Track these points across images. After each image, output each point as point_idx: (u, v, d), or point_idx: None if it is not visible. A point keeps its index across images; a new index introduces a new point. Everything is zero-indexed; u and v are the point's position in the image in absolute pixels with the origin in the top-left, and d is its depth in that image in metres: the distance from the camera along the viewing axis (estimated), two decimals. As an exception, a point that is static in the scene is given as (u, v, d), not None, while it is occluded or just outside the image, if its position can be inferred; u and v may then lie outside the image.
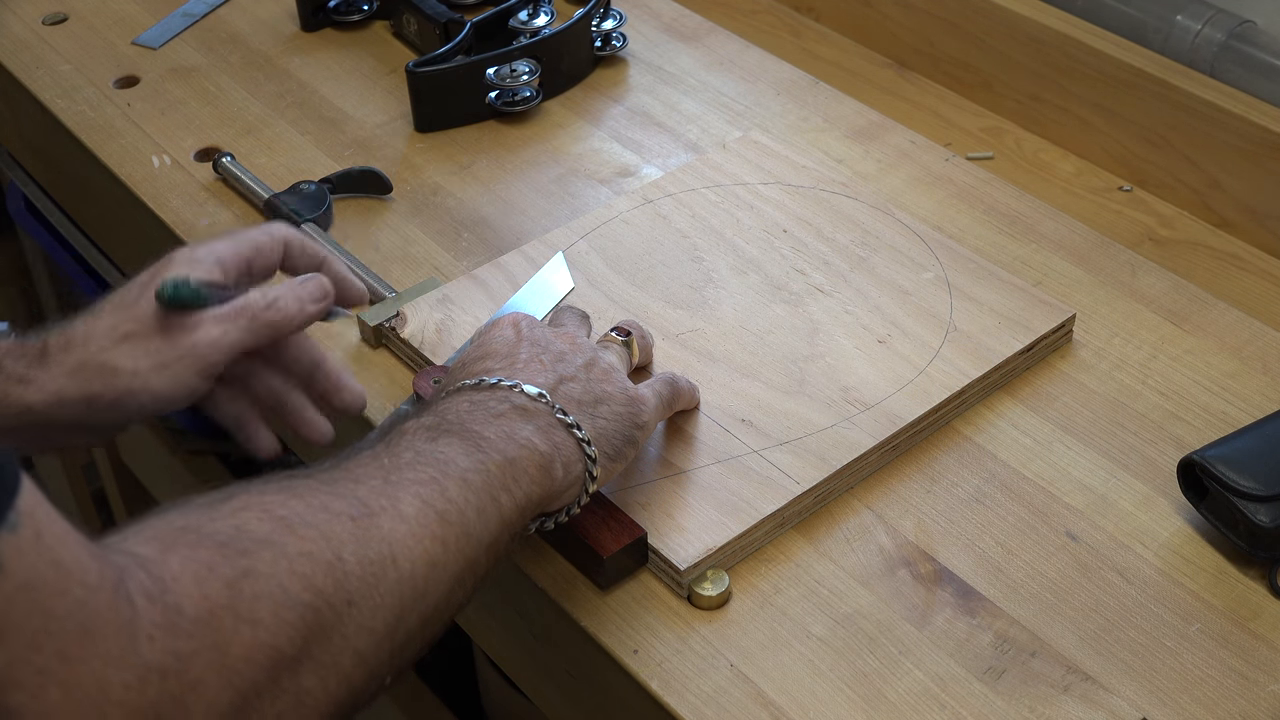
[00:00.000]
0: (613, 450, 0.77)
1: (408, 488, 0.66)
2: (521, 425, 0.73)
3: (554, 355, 0.79)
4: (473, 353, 0.80)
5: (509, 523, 0.70)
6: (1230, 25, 1.06)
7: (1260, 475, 0.80)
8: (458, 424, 0.72)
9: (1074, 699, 0.74)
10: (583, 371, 0.78)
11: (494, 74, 1.16)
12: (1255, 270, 1.03)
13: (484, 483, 0.69)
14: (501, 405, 0.74)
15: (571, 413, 0.75)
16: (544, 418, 0.74)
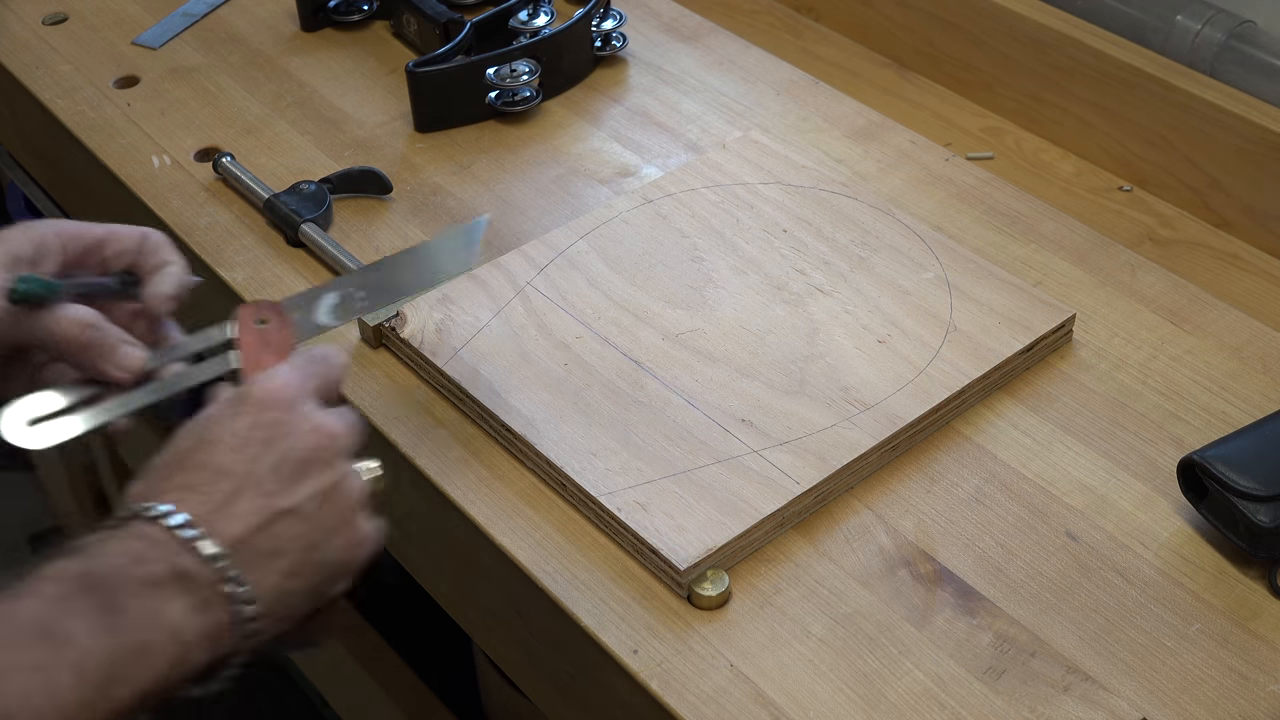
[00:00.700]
0: (288, 611, 0.68)
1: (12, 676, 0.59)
2: (174, 601, 0.63)
3: (292, 468, 0.68)
4: (193, 449, 0.69)
5: (121, 709, 0.62)
6: (1230, 25, 1.06)
7: (1260, 475, 0.80)
8: (103, 582, 0.63)
9: (1074, 699, 0.74)
10: (314, 501, 0.68)
11: (494, 74, 1.16)
12: (1255, 270, 1.03)
13: (100, 676, 0.61)
14: (162, 568, 0.64)
15: (254, 571, 0.65)
16: (208, 590, 0.64)
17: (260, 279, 1.02)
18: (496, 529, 0.84)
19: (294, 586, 0.68)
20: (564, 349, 0.92)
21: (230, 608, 0.65)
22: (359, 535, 0.70)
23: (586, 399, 0.89)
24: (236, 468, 0.67)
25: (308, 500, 0.68)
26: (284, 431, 0.69)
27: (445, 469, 0.88)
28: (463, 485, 0.87)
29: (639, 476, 0.84)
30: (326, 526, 0.69)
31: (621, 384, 0.90)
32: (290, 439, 0.69)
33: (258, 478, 0.67)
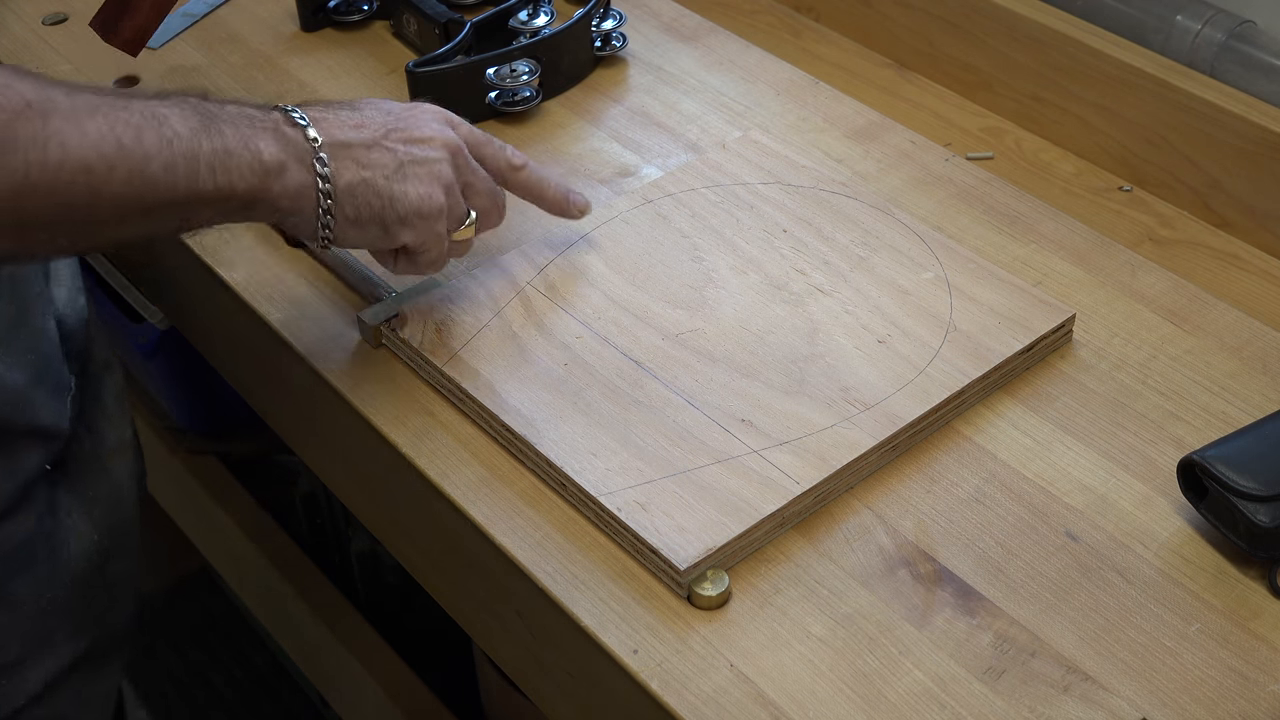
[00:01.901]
0: (355, 216, 0.84)
1: (103, 114, 0.72)
2: (267, 139, 0.80)
3: (405, 135, 0.86)
4: (350, 102, 0.87)
5: (203, 195, 0.77)
6: (1230, 25, 1.06)
7: (1260, 475, 0.80)
8: (214, 112, 0.79)
9: (1074, 699, 0.74)
10: (410, 155, 0.85)
11: (494, 74, 1.16)
12: (1255, 270, 1.03)
13: (187, 149, 0.75)
14: (267, 124, 0.80)
15: (338, 162, 0.82)
16: (298, 149, 0.81)
17: (260, 279, 1.02)
18: (496, 529, 0.84)
19: (364, 195, 0.83)
20: (564, 349, 0.92)
21: (312, 176, 0.81)
22: (435, 201, 0.86)
23: (586, 399, 0.89)
24: (369, 114, 0.86)
25: (406, 152, 0.85)
26: (418, 120, 0.87)
27: (445, 469, 0.88)
28: (463, 485, 0.87)
29: (639, 476, 0.84)
30: (409, 174, 0.85)
31: (621, 384, 0.90)
32: (418, 123, 0.87)
33: (377, 126, 0.85)
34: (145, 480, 1.12)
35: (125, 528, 1.02)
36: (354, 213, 0.84)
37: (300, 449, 1.09)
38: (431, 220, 0.86)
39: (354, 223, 0.84)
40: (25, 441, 0.89)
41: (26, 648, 0.91)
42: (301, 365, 0.96)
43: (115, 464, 1.03)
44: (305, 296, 1.00)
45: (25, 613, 0.91)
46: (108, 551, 0.98)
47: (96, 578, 0.97)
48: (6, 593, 0.89)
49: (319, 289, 1.01)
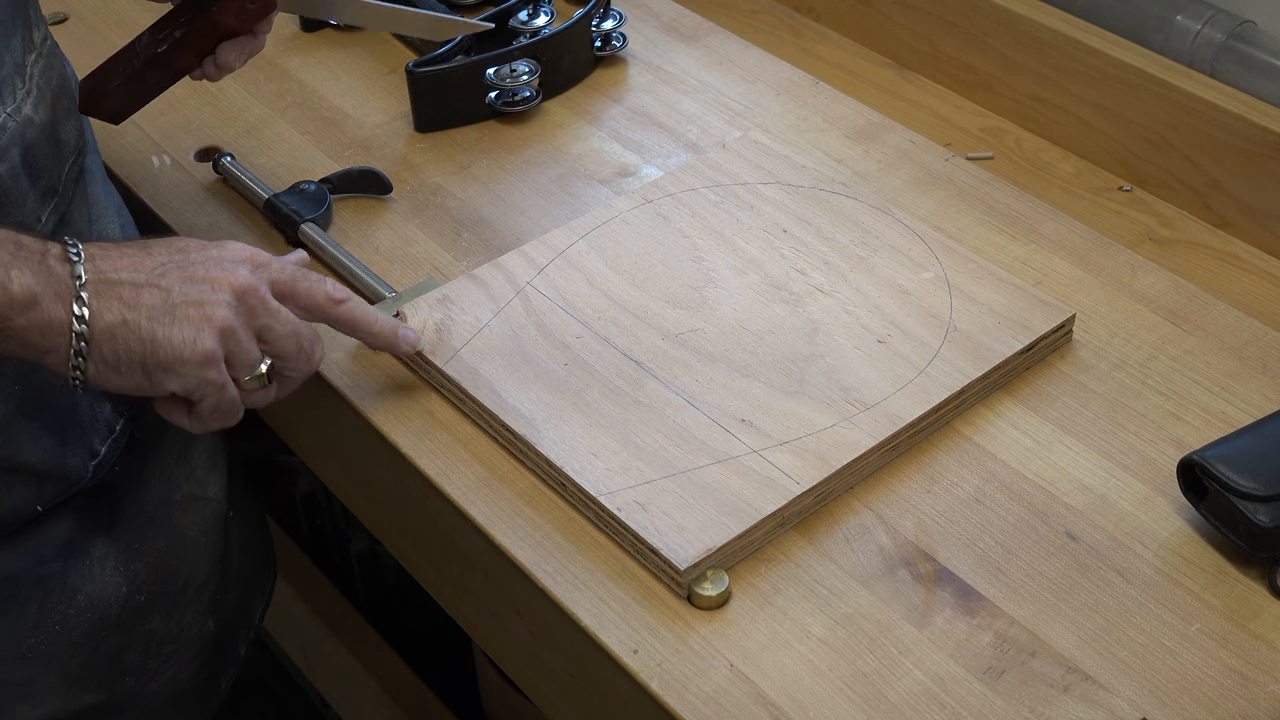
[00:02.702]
0: (113, 360, 0.77)
1: None
2: (24, 272, 0.73)
3: (186, 273, 0.78)
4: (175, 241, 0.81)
5: None
6: (1230, 25, 1.06)
7: (1260, 475, 0.80)
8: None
9: (1074, 699, 0.74)
10: (182, 297, 0.78)
11: (494, 74, 1.16)
12: (1255, 270, 1.03)
13: None
14: (30, 254, 0.75)
15: (100, 301, 0.75)
16: (58, 286, 0.75)
17: (260, 279, 1.02)
18: (496, 529, 0.84)
19: (124, 338, 0.76)
20: (564, 349, 0.92)
21: (68, 314, 0.75)
22: (204, 346, 0.78)
23: (586, 399, 0.89)
24: (158, 252, 0.80)
25: (179, 293, 0.78)
26: (210, 260, 0.80)
27: (445, 469, 0.88)
28: (463, 485, 0.87)
29: (639, 476, 0.84)
30: (179, 316, 0.77)
31: (621, 384, 0.90)
32: (208, 263, 0.80)
33: (157, 265, 0.79)
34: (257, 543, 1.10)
35: (180, 589, 0.98)
36: (112, 356, 0.76)
37: (300, 449, 1.09)
38: (199, 367, 0.78)
39: (113, 367, 0.77)
40: (12, 480, 0.87)
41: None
42: (301, 365, 0.96)
43: (183, 520, 1.00)
44: (305, 296, 1.00)
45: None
46: (143, 608, 0.95)
47: (119, 634, 0.94)
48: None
49: (319, 289, 1.01)
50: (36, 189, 0.87)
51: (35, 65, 0.87)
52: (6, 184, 0.84)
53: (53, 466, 0.89)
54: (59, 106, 0.90)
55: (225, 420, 0.82)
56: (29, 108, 0.86)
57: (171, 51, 0.94)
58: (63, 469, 0.89)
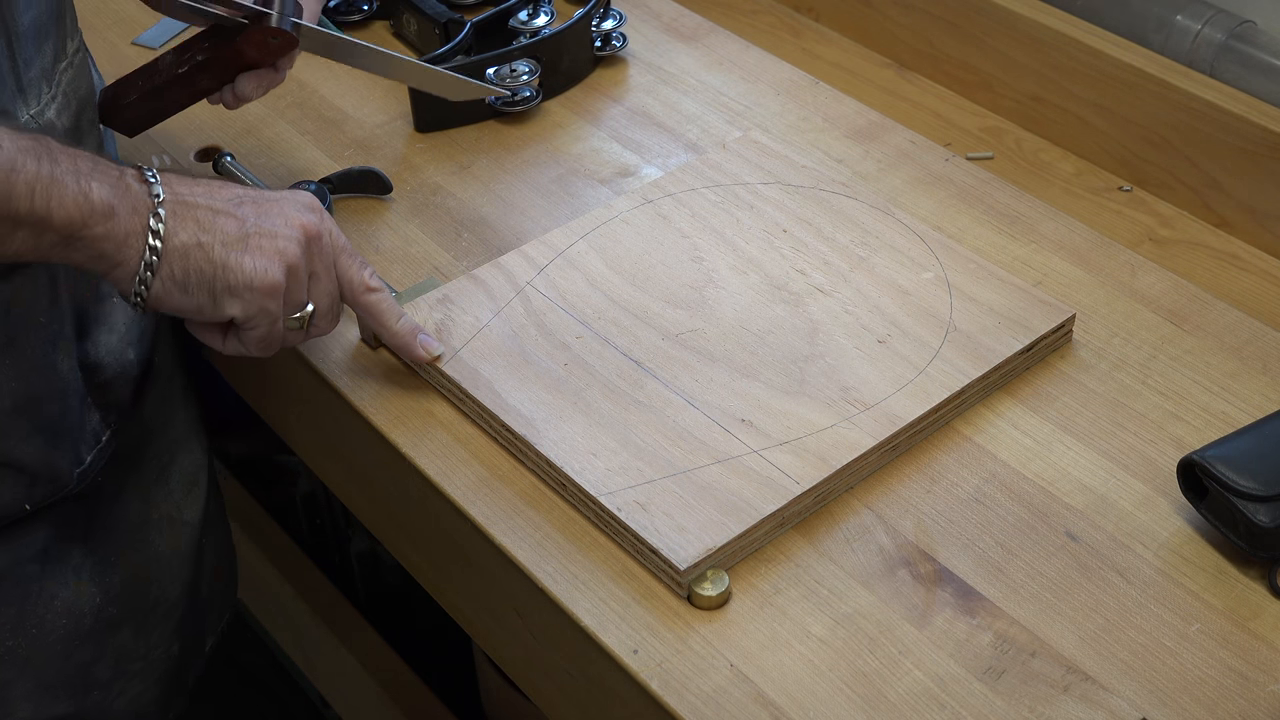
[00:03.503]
0: (181, 280, 0.79)
1: None
2: (103, 184, 0.76)
3: (256, 209, 0.81)
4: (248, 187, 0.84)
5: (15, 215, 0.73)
6: (1230, 25, 1.06)
7: (1260, 475, 0.80)
8: (50, 145, 0.75)
9: (1074, 699, 0.74)
10: (255, 226, 0.80)
11: (494, 74, 1.16)
12: (1255, 270, 1.03)
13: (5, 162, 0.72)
14: (109, 170, 0.77)
15: (175, 220, 0.78)
16: (135, 200, 0.77)
17: (260, 279, 1.02)
18: (496, 529, 0.84)
19: (196, 259, 0.79)
20: (564, 349, 0.92)
21: (144, 228, 0.77)
22: (271, 277, 0.81)
23: (586, 399, 0.89)
24: (227, 191, 0.82)
25: (253, 222, 0.81)
26: (284, 198, 0.83)
27: (445, 469, 0.88)
28: (463, 485, 0.87)
29: (639, 476, 0.84)
30: (252, 245, 0.80)
31: (621, 384, 0.90)
32: (281, 202, 0.83)
33: (233, 197, 0.82)
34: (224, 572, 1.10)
35: (151, 606, 0.99)
36: (182, 275, 0.79)
37: (300, 449, 1.09)
38: (264, 296, 0.81)
39: (180, 286, 0.79)
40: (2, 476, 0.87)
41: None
42: (302, 365, 0.96)
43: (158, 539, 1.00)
44: (305, 296, 1.00)
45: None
46: (115, 621, 0.95)
47: (91, 645, 0.94)
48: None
49: (319, 289, 1.01)
50: None
51: (64, 74, 0.88)
52: None
53: (42, 467, 0.89)
54: (84, 117, 0.91)
55: (264, 350, 0.85)
56: (52, 113, 0.86)
57: (192, 74, 0.95)
58: (52, 471, 0.90)
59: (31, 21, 0.84)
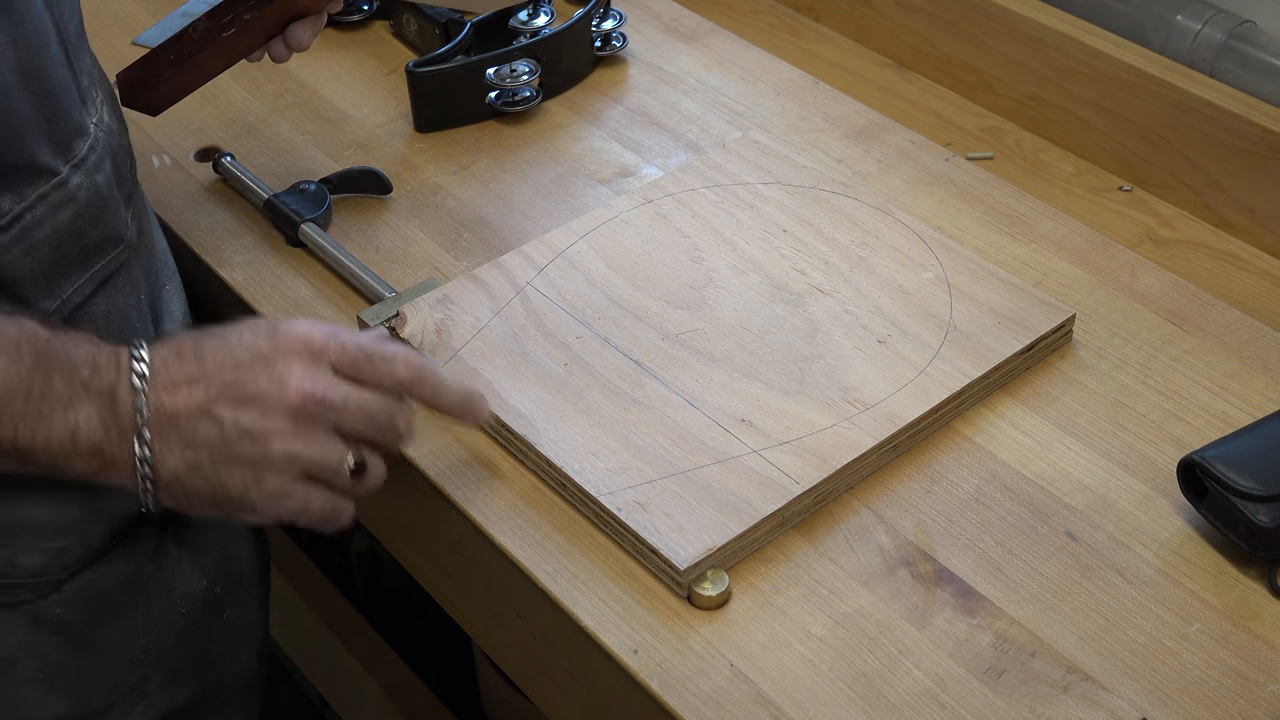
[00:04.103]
0: (185, 496, 0.76)
1: None
2: (91, 412, 0.73)
3: (241, 394, 0.75)
4: (218, 332, 0.77)
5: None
6: (1230, 25, 1.06)
7: (1260, 475, 0.80)
8: (55, 357, 0.73)
9: (1074, 699, 0.74)
10: (236, 430, 0.74)
11: (494, 74, 1.16)
12: (1255, 270, 1.03)
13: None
14: (102, 382, 0.73)
15: (162, 441, 0.74)
16: (123, 422, 0.73)
17: (260, 279, 1.02)
18: (496, 529, 0.84)
19: (190, 480, 0.75)
20: (564, 349, 0.92)
21: (132, 457, 0.74)
22: (267, 486, 0.76)
23: (586, 399, 0.89)
24: (212, 361, 0.75)
25: (232, 424, 0.75)
26: (262, 367, 0.75)
27: (445, 469, 0.88)
28: (463, 485, 0.87)
29: (639, 476, 0.84)
30: (235, 456, 0.75)
31: (621, 384, 0.90)
32: (259, 374, 0.75)
33: (217, 381, 0.75)
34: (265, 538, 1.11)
35: (237, 579, 1.00)
36: (182, 496, 0.76)
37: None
38: (268, 502, 0.76)
39: (185, 504, 0.77)
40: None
41: (113, 696, 0.90)
42: (301, 365, 0.96)
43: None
44: (305, 296, 1.00)
45: (114, 660, 0.90)
46: (218, 600, 0.97)
47: (205, 627, 0.96)
48: (94, 640, 0.88)
49: (319, 289, 1.01)
50: (122, 195, 0.88)
51: (99, 75, 0.89)
52: (104, 194, 0.85)
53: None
54: (117, 110, 0.92)
55: (336, 524, 0.79)
56: (106, 115, 0.88)
57: (239, 35, 0.93)
58: None
59: (76, 29, 0.85)
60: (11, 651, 0.85)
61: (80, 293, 0.83)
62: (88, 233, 0.83)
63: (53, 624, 0.86)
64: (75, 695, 0.88)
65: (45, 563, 0.85)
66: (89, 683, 0.89)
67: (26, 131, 0.78)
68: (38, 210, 0.80)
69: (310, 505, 0.77)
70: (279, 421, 0.75)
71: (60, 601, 0.86)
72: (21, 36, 0.78)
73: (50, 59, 0.80)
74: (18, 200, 0.79)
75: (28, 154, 0.79)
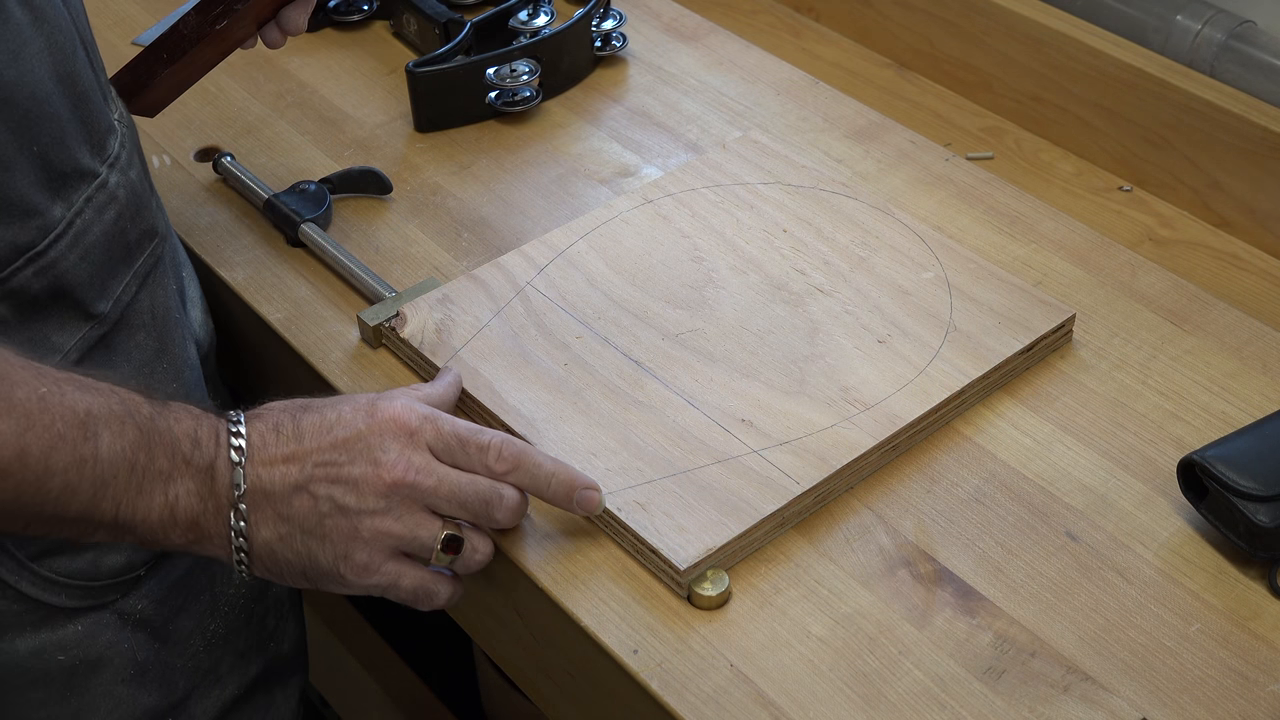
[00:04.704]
0: (275, 568, 0.77)
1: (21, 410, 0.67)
2: (190, 486, 0.73)
3: (335, 472, 0.76)
4: (319, 406, 0.78)
5: (99, 521, 0.71)
6: (1230, 25, 1.06)
7: (1260, 475, 0.80)
8: (156, 434, 0.73)
9: (1074, 699, 0.74)
10: (330, 504, 0.75)
11: (494, 74, 1.16)
12: (1255, 270, 1.03)
13: (97, 475, 0.70)
14: (203, 455, 0.74)
15: (256, 513, 0.75)
16: (220, 498, 0.74)
17: (260, 279, 1.02)
18: (496, 529, 0.84)
19: (282, 552, 0.76)
20: (564, 349, 0.92)
21: (226, 529, 0.75)
22: (355, 560, 0.77)
23: (586, 399, 0.89)
24: (309, 440, 0.76)
25: (327, 501, 0.76)
26: (359, 447, 0.76)
27: (445, 469, 0.87)
28: (463, 485, 0.86)
29: (639, 476, 0.84)
30: (327, 530, 0.76)
31: (621, 384, 0.90)
32: (356, 454, 0.76)
33: (314, 459, 0.76)
34: None
35: None
36: (274, 567, 0.77)
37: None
38: (356, 577, 0.77)
39: (276, 575, 0.78)
40: None
41: (193, 683, 0.92)
42: (301, 365, 0.96)
43: None
44: (305, 296, 1.00)
45: (192, 648, 0.91)
46: None
47: (259, 604, 0.97)
48: (173, 631, 0.90)
49: (319, 289, 1.01)
50: (150, 187, 0.89)
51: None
52: (139, 189, 0.86)
53: None
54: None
55: (429, 603, 0.80)
56: (123, 109, 0.88)
57: (231, 26, 0.93)
58: None
59: (89, 29, 0.86)
60: (103, 652, 0.86)
61: (128, 291, 0.84)
62: (129, 230, 0.84)
63: (136, 619, 0.88)
64: (161, 688, 0.90)
65: (126, 561, 0.86)
66: (172, 674, 0.90)
67: (68, 136, 0.79)
68: (86, 214, 0.80)
69: (400, 582, 0.78)
70: (372, 500, 0.76)
71: (142, 596, 0.87)
72: (55, 41, 0.78)
73: (78, 60, 0.81)
74: (68, 207, 0.79)
75: (71, 158, 0.79)
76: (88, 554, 0.84)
